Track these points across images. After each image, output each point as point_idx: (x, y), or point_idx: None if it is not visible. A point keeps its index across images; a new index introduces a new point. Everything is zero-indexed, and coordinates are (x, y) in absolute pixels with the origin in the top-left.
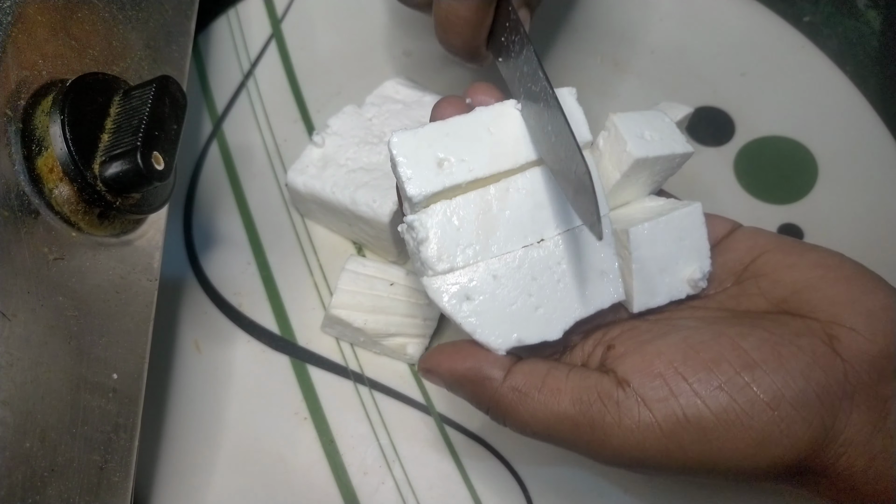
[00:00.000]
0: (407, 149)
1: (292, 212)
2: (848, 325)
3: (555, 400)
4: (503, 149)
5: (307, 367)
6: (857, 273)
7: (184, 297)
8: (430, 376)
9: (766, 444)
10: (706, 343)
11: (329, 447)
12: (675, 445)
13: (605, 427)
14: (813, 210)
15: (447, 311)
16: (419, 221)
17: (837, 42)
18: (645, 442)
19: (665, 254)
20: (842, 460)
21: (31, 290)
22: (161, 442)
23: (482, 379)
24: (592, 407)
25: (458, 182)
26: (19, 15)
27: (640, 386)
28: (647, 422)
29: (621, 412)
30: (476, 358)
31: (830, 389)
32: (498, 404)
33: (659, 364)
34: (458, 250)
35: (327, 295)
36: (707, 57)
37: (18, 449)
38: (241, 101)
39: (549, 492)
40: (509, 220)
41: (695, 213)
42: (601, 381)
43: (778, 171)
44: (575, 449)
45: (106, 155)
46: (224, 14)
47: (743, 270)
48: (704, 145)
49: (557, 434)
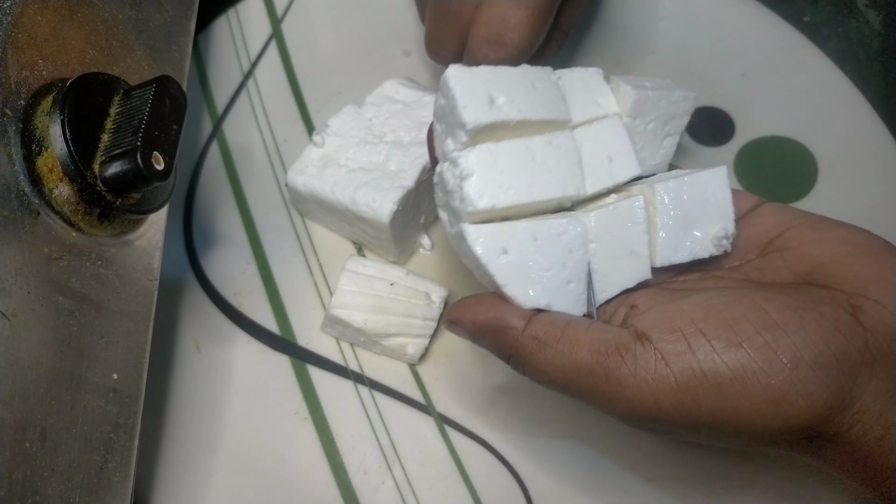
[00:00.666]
0: (464, 81)
1: (292, 212)
2: (873, 297)
3: (573, 349)
4: (548, 101)
5: (307, 367)
6: (886, 250)
7: (184, 297)
8: (454, 327)
9: (782, 403)
10: (728, 303)
11: (329, 447)
12: (690, 399)
13: (621, 377)
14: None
15: (482, 258)
16: (464, 157)
17: (837, 42)
18: (659, 394)
19: (689, 212)
20: (856, 427)
21: (31, 290)
22: (161, 442)
23: (504, 328)
24: (609, 358)
25: (509, 119)
26: (19, 15)
27: (659, 340)
28: (663, 374)
29: (638, 364)
30: (498, 308)
31: (850, 355)
32: (518, 352)
33: (679, 320)
34: (500, 190)
35: (327, 295)
36: (707, 57)
37: (18, 449)
38: (241, 101)
39: (549, 492)
40: (551, 170)
41: (719, 174)
42: (620, 334)
43: (778, 171)
44: (590, 399)
45: (106, 155)
46: (224, 14)
47: (768, 244)
48: (704, 145)
49: (574, 383)
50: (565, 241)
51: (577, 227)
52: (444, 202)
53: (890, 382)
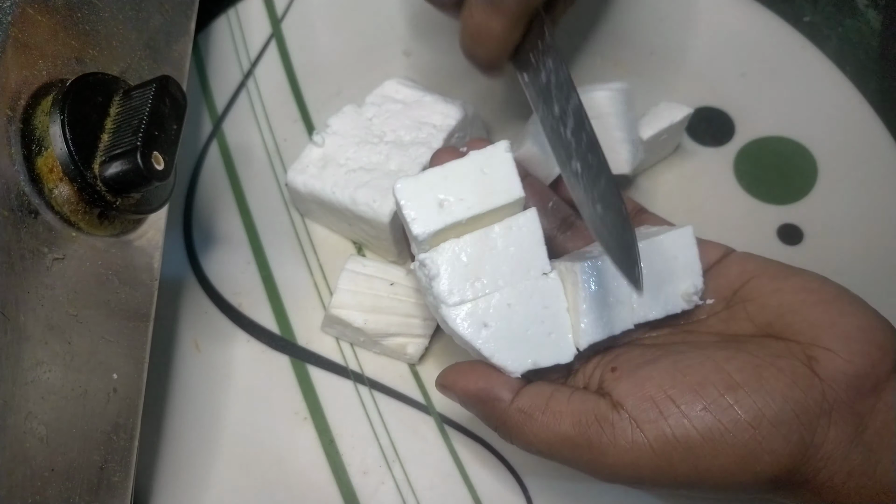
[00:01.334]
0: (410, 193)
1: (292, 212)
2: (826, 346)
3: (556, 422)
4: (498, 186)
5: (307, 366)
6: (838, 296)
7: (184, 297)
8: (445, 392)
9: (748, 461)
10: (693, 367)
11: (329, 447)
12: (666, 463)
13: (602, 447)
14: (813, 210)
15: (466, 337)
16: (430, 259)
17: (837, 42)
18: (638, 461)
19: (661, 271)
20: (821, 474)
21: (31, 290)
22: (161, 442)
23: (492, 399)
24: (590, 428)
25: (458, 219)
26: (19, 15)
27: (633, 408)
28: (640, 442)
29: (616, 433)
30: (488, 379)
31: (808, 408)
32: (505, 424)
33: (650, 387)
34: (467, 285)
35: (327, 295)
36: (707, 57)
37: (18, 449)
38: (241, 101)
39: (549, 492)
40: (514, 255)
41: (686, 234)
42: (598, 405)
43: (778, 171)
44: (575, 466)
45: (106, 155)
46: (224, 14)
47: (733, 295)
48: (704, 145)
49: (559, 453)
50: (538, 299)
51: (547, 283)
52: (425, 291)
53: (848, 428)
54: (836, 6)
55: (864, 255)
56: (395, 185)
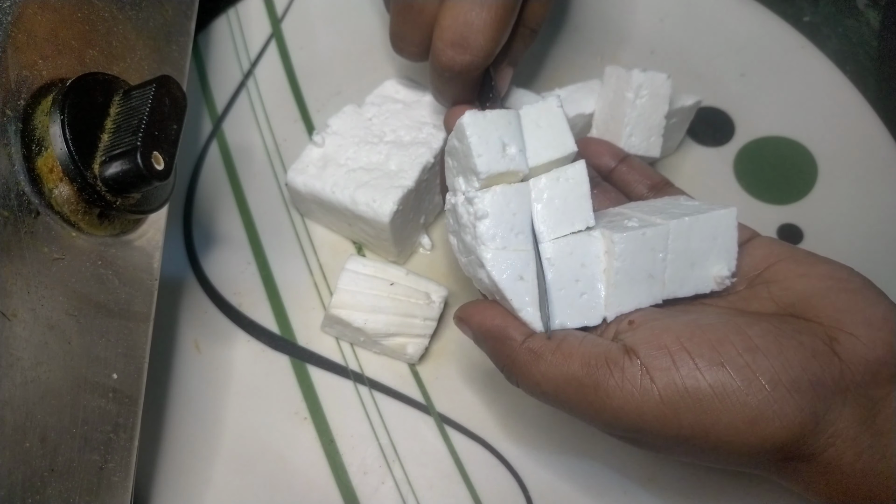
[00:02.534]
0: (479, 129)
1: (292, 212)
2: (849, 330)
3: (565, 361)
4: (553, 140)
5: (307, 366)
6: (864, 286)
7: (184, 297)
8: (462, 325)
9: (758, 422)
10: (713, 325)
11: (329, 447)
12: (672, 413)
13: (608, 389)
14: (813, 210)
15: (500, 284)
16: (480, 198)
17: (837, 42)
18: (643, 406)
19: (697, 250)
20: (830, 451)
21: (31, 290)
22: (161, 442)
23: (504, 337)
24: (599, 370)
25: (519, 169)
26: (19, 15)
27: (646, 355)
28: (648, 388)
29: (625, 376)
30: (504, 318)
31: (825, 382)
32: (514, 362)
33: (666, 338)
34: (511, 234)
35: (327, 295)
36: (707, 57)
37: (18, 449)
38: (241, 101)
39: (549, 492)
40: (559, 208)
41: (730, 216)
42: (610, 349)
43: (778, 171)
44: (578, 410)
45: (106, 155)
46: (224, 14)
47: (756, 276)
48: (704, 145)
49: (564, 394)
50: (578, 256)
51: (590, 240)
52: (455, 230)
53: (862, 411)
54: (836, 6)
55: (864, 255)
56: (464, 119)
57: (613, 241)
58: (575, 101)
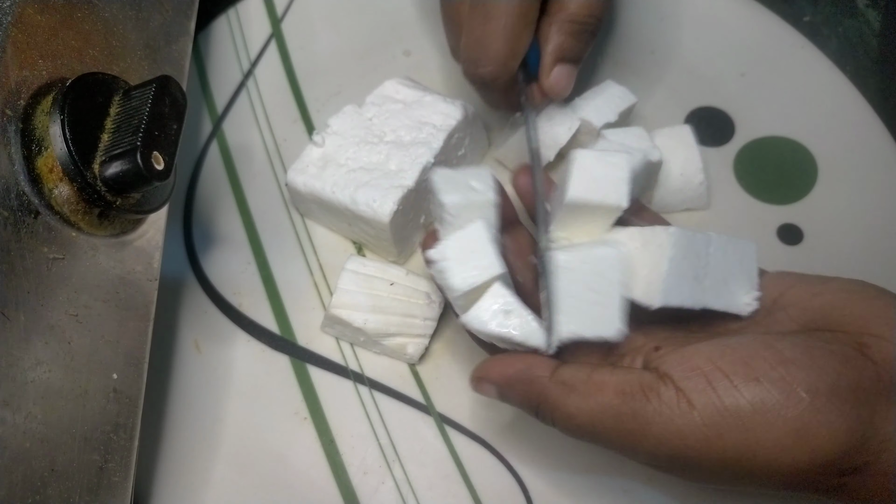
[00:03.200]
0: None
1: (292, 212)
2: (877, 333)
3: (599, 392)
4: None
5: (307, 366)
6: (881, 293)
7: (184, 297)
8: (482, 384)
9: (804, 434)
10: (742, 343)
11: (329, 447)
12: (714, 434)
13: (647, 416)
14: (813, 210)
15: (497, 333)
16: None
17: (837, 42)
18: (684, 430)
19: (725, 268)
20: (884, 457)
21: (31, 290)
22: (161, 442)
23: (531, 378)
24: (635, 398)
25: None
26: (19, 15)
27: (681, 379)
28: (686, 411)
29: (662, 402)
30: (525, 360)
31: (863, 385)
32: (546, 399)
33: (698, 359)
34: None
35: (327, 295)
36: (707, 57)
37: (18, 449)
38: (241, 101)
39: (549, 492)
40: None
41: (751, 247)
42: (643, 376)
43: (778, 172)
44: (617, 441)
45: (106, 155)
46: (224, 14)
47: (772, 304)
48: (704, 145)
49: (601, 425)
50: (592, 265)
51: (607, 254)
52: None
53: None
54: (836, 6)
55: (864, 255)
56: (429, 252)
57: (669, 233)
58: (598, 109)
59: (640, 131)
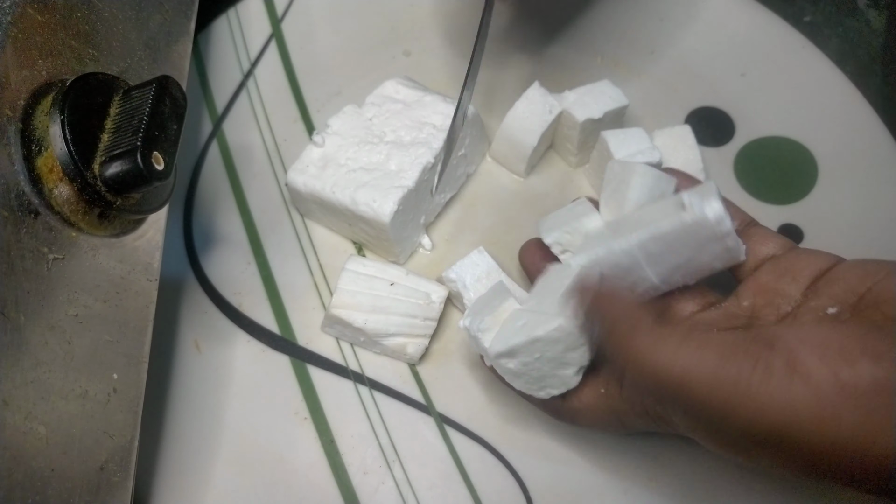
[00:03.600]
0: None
1: (292, 212)
2: None
3: (699, 348)
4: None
5: (307, 366)
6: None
7: (184, 297)
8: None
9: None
10: (847, 323)
11: (329, 447)
12: (830, 413)
13: (751, 384)
14: (813, 210)
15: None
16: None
17: (838, 42)
18: (795, 403)
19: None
20: None
21: (31, 290)
22: (161, 442)
23: (634, 314)
24: (740, 363)
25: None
26: (19, 15)
27: (792, 349)
28: (799, 384)
29: (772, 371)
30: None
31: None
32: (634, 342)
33: (810, 332)
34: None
35: (327, 295)
36: (707, 57)
37: (18, 449)
38: (241, 101)
39: (549, 492)
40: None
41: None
42: (751, 340)
43: (778, 172)
44: (701, 406)
45: (106, 155)
46: (224, 14)
47: (858, 301)
48: (704, 145)
49: (688, 387)
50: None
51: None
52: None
53: None
54: (837, 6)
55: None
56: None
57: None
58: (585, 105)
59: (640, 131)
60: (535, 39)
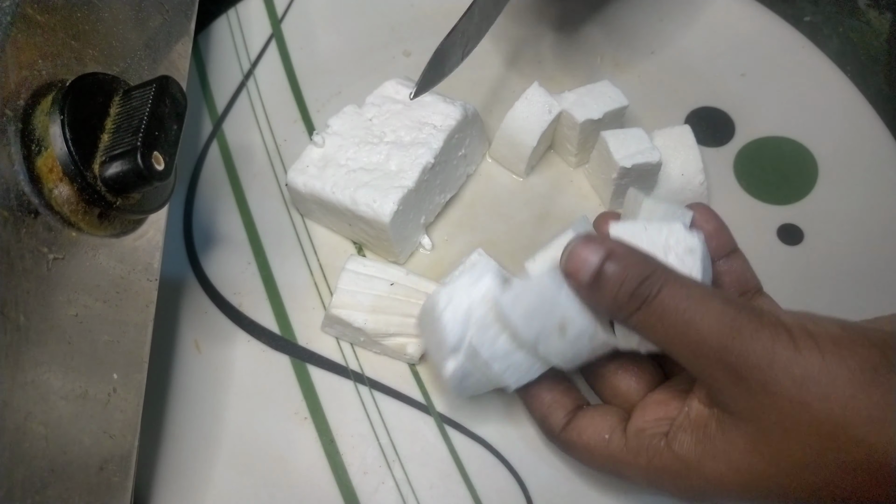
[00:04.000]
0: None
1: (292, 212)
2: None
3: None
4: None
5: (307, 366)
6: None
7: (184, 297)
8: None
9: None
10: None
11: (329, 447)
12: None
13: (758, 354)
14: (813, 210)
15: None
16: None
17: (838, 42)
18: (808, 371)
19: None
20: None
21: (31, 290)
22: (161, 442)
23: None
24: (744, 325)
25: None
26: (19, 15)
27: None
28: (808, 355)
29: (777, 342)
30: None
31: None
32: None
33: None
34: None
35: (327, 295)
36: (707, 57)
37: (18, 449)
38: (241, 101)
39: (549, 492)
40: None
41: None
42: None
43: (778, 172)
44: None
45: (106, 155)
46: (224, 14)
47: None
48: (704, 145)
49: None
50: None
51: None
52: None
53: None
54: (837, 6)
55: (865, 256)
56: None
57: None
58: (584, 105)
59: (640, 132)
60: (535, 39)
